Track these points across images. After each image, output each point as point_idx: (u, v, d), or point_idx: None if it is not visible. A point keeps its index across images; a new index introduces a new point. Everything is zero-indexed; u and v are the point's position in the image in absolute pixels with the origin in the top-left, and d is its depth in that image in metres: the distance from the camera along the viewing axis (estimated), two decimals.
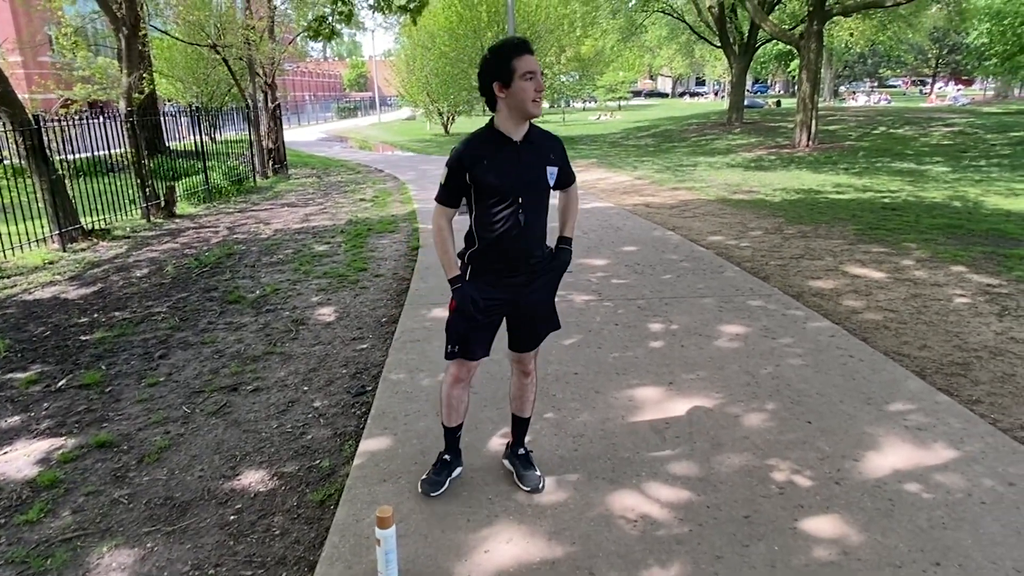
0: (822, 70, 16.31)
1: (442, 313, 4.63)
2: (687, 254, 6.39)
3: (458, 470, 2.66)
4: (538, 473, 2.60)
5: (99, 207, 9.40)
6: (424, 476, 2.61)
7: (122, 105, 9.83)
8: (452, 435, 2.62)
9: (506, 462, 2.71)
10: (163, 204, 10.24)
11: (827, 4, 15.90)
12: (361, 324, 4.74)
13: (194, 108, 12.74)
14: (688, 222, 8.15)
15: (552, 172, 2.34)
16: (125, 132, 9.86)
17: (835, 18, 18.35)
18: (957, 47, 49.89)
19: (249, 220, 9.69)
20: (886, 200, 9.41)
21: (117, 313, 5.23)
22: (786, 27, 20.30)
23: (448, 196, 2.33)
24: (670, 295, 5.08)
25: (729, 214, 8.68)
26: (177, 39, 13.90)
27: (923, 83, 66.16)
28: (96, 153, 11.88)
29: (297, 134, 35.71)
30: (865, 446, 2.87)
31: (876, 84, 62.09)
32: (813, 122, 16.60)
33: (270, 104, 14.71)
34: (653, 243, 6.93)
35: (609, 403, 3.30)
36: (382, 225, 8.48)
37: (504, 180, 2.23)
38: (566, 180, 2.47)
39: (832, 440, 2.92)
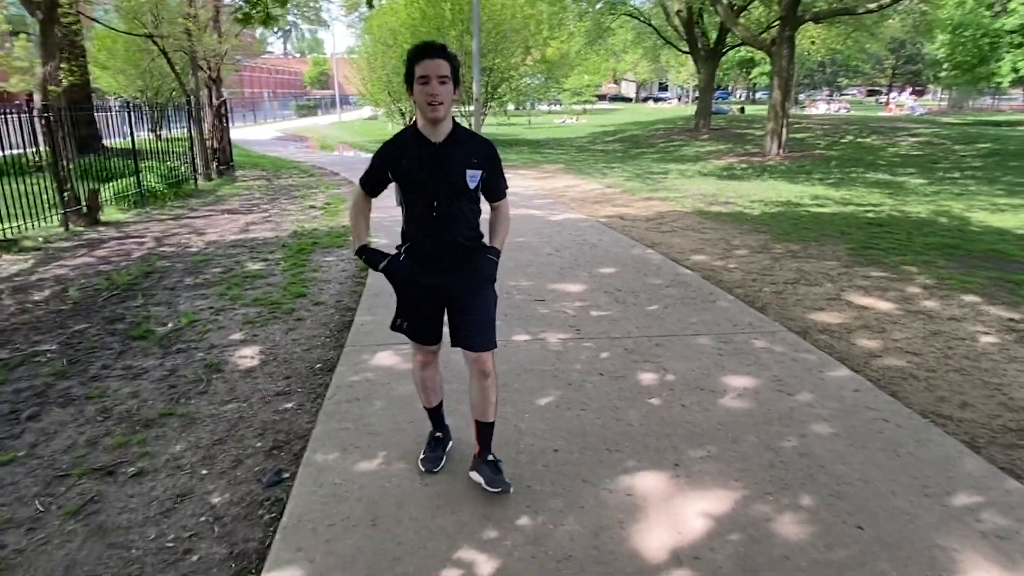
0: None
1: (388, 359, 3.81)
2: (672, 278, 5.69)
3: (450, 444, 2.84)
4: (507, 480, 2.53)
5: (11, 213, 8.28)
6: (422, 455, 2.75)
7: (37, 98, 8.70)
8: (436, 413, 2.79)
9: (473, 474, 2.60)
10: (85, 210, 9.14)
11: (799, 10, 15.53)
12: (290, 371, 3.88)
13: (126, 102, 11.57)
14: (667, 238, 7.48)
15: (473, 176, 2.35)
16: (41, 129, 8.73)
17: (803, 25, 18.04)
18: (914, 58, 51.04)
19: (182, 229, 8.68)
20: (870, 215, 8.91)
21: None
22: (754, 33, 19.95)
23: (368, 182, 2.51)
24: (660, 332, 4.35)
25: (709, 229, 8.04)
26: (108, 27, 12.68)
27: (876, 92, 67.61)
28: (12, 151, 10.69)
29: (251, 132, 34.22)
30: (941, 567, 2.17)
31: (833, 93, 63.14)
32: (784, 130, 16.24)
33: (215, 100, 13.60)
34: (633, 263, 6.22)
35: (602, 501, 2.53)
36: (330, 239, 7.58)
37: (418, 177, 2.33)
38: (494, 193, 2.50)
39: (898, 560, 2.21)
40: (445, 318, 2.55)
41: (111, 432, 3.24)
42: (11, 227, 8.09)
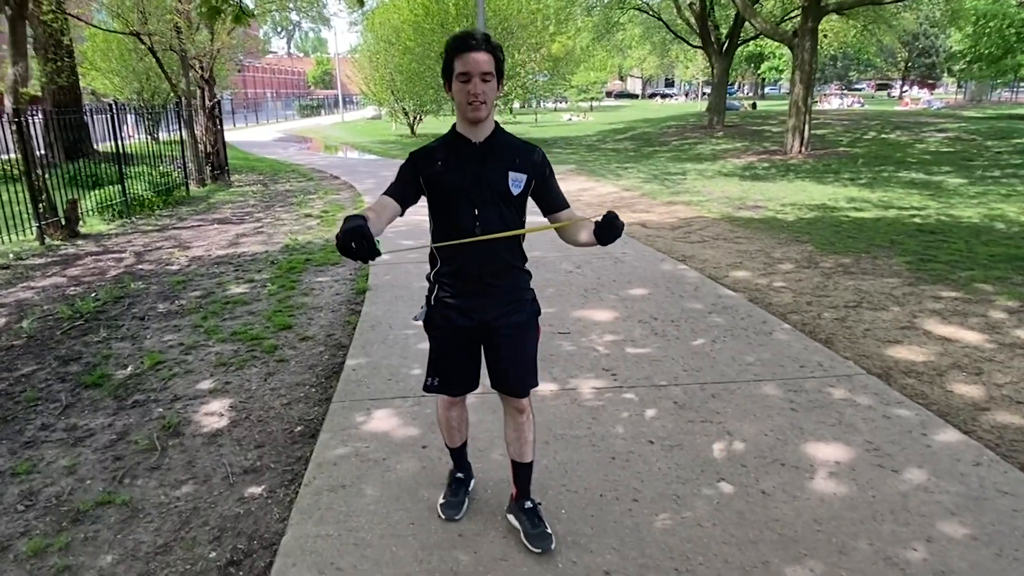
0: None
1: (384, 421, 3.08)
2: (714, 301, 4.94)
3: (472, 483, 2.55)
4: (548, 531, 2.26)
5: None
6: (442, 500, 2.46)
7: (7, 102, 8.00)
8: (459, 453, 2.51)
9: (511, 517, 2.37)
10: (63, 222, 8.45)
11: (823, 0, 14.70)
12: (263, 437, 3.15)
13: (109, 105, 10.89)
14: (698, 249, 6.72)
15: (516, 179, 2.06)
16: (11, 134, 8.04)
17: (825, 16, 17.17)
18: (927, 51, 49.96)
19: (166, 242, 7.98)
20: (916, 220, 8.12)
21: None
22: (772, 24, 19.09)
23: (393, 191, 2.06)
24: (713, 377, 3.60)
25: (743, 237, 7.28)
26: (90, 24, 11.98)
27: (886, 87, 66.42)
28: None
29: (252, 133, 33.55)
30: None
31: (845, 87, 62.04)
32: (806, 127, 15.42)
33: (207, 101, 12.90)
34: (666, 282, 5.46)
35: None
36: (324, 254, 6.85)
37: (457, 180, 2.04)
38: (555, 203, 2.17)
39: None
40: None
41: (29, 531, 2.52)
42: None
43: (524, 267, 2.21)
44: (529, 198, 2.13)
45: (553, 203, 2.16)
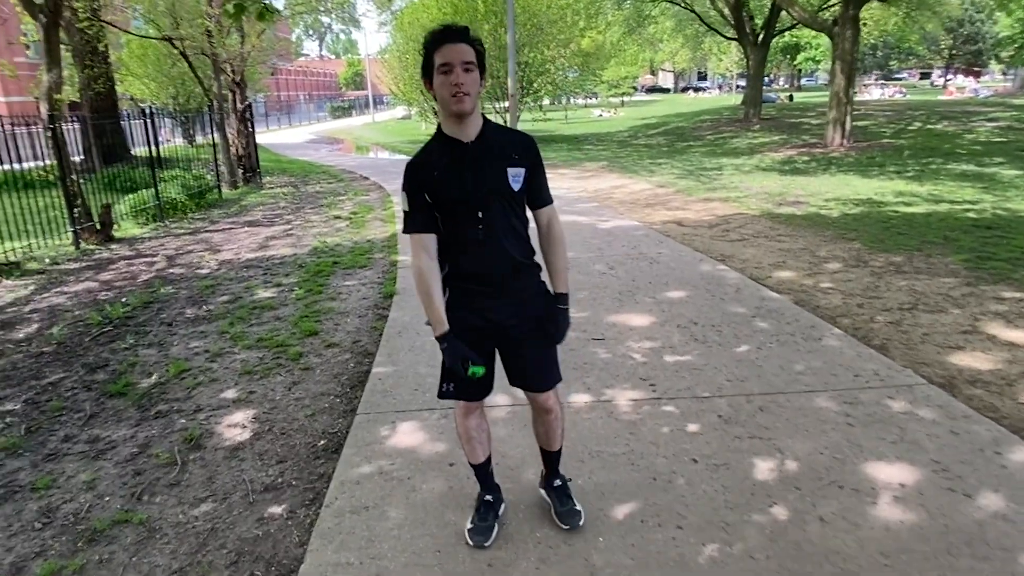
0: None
1: (410, 435, 2.92)
2: (757, 304, 4.68)
3: (502, 507, 2.39)
4: (578, 508, 2.32)
5: (23, 231, 7.72)
6: (470, 525, 2.30)
7: (42, 108, 8.09)
8: (483, 471, 2.36)
9: (543, 492, 2.44)
10: (98, 227, 8.54)
11: None
12: (285, 451, 3.03)
13: (142, 110, 11.01)
14: (738, 248, 6.44)
15: (516, 174, 1.98)
16: (47, 141, 8.14)
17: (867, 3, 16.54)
18: (973, 37, 48.10)
19: (197, 246, 7.99)
20: (971, 215, 7.69)
21: None
22: (812, 13, 18.47)
23: (416, 221, 2.00)
24: (760, 388, 3.37)
25: (785, 235, 6.96)
26: (124, 30, 12.13)
27: (928, 75, 64.21)
28: (27, 164, 10.22)
29: (285, 136, 33.98)
30: None
31: (885, 77, 60.15)
32: (848, 119, 14.86)
33: (239, 104, 12.97)
34: (705, 284, 5.22)
35: None
36: (353, 256, 6.76)
37: (456, 187, 1.95)
38: (539, 196, 2.08)
39: None
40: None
41: (45, 550, 2.43)
42: (17, 248, 7.53)
43: (534, 261, 2.13)
44: None
45: (536, 198, 2.08)
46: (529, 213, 2.10)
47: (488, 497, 2.35)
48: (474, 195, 1.95)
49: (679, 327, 4.28)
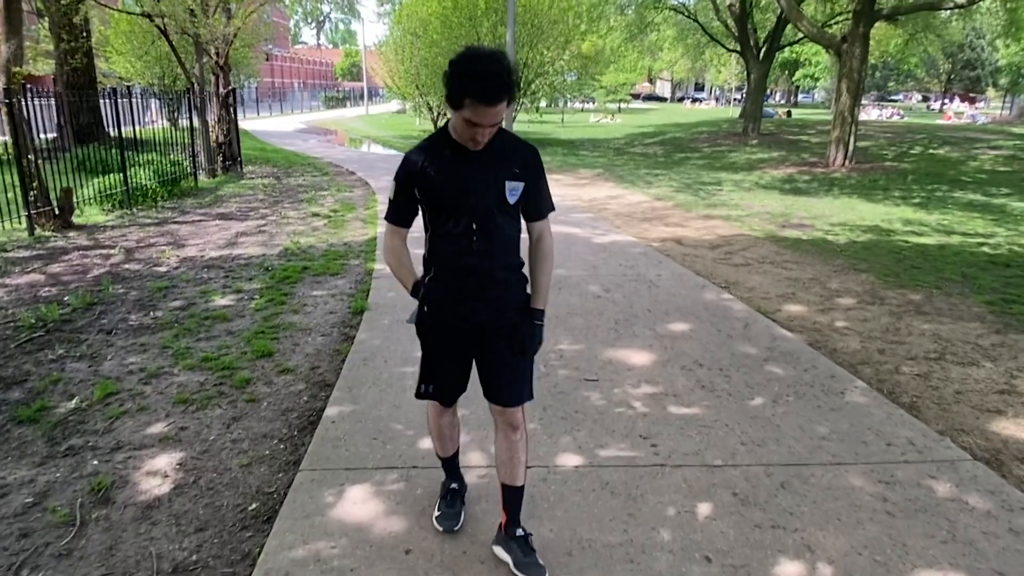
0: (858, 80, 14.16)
1: (361, 504, 2.39)
2: (769, 344, 4.19)
3: (466, 493, 2.45)
4: (540, 561, 2.09)
5: None
6: (437, 512, 2.33)
7: None
8: (451, 463, 2.40)
9: (498, 549, 2.19)
10: (56, 212, 7.91)
11: (877, 4, 13.77)
12: (208, 516, 2.48)
13: (113, 89, 10.37)
14: (743, 275, 5.97)
15: (514, 189, 1.96)
16: (3, 116, 7.50)
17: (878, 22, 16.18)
18: (972, 63, 48.19)
19: (161, 238, 7.39)
20: (986, 249, 7.28)
21: None
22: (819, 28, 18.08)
23: (398, 213, 2.03)
24: (780, 455, 2.87)
25: (792, 263, 6.50)
26: (101, 4, 11.45)
27: (926, 99, 64.45)
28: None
29: (275, 123, 33.22)
30: None
31: (881, 98, 60.27)
32: (852, 139, 14.50)
33: (221, 89, 12.35)
34: (709, 316, 4.73)
35: None
36: (326, 261, 6.20)
37: (452, 193, 1.92)
38: (536, 209, 2.05)
39: None
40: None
41: None
42: None
43: (522, 272, 2.10)
44: None
45: (533, 211, 2.05)
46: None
47: (454, 485, 2.40)
48: (470, 200, 1.92)
49: (683, 368, 3.78)
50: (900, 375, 3.86)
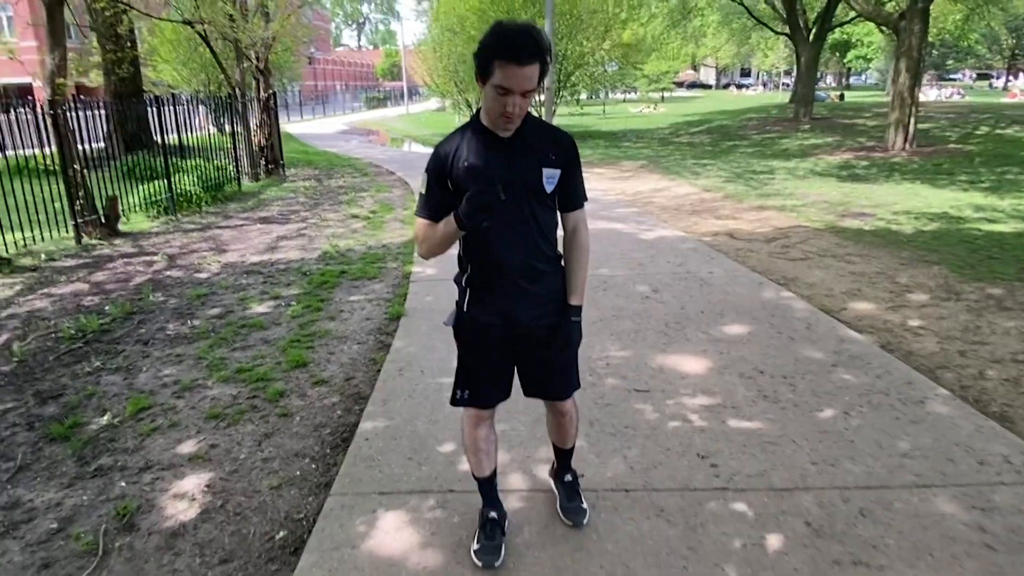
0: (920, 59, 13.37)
1: (393, 533, 2.20)
2: (835, 348, 3.85)
3: (506, 523, 2.25)
4: (584, 506, 2.29)
5: (27, 222, 7.21)
6: (476, 546, 2.14)
7: (45, 92, 7.59)
8: (488, 485, 2.23)
9: (552, 482, 2.42)
10: (103, 220, 8.03)
11: None
12: (234, 545, 2.33)
13: (154, 96, 10.51)
14: (802, 270, 5.59)
15: (551, 176, 1.88)
16: (49, 127, 7.63)
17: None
18: None
19: (203, 245, 7.42)
20: None
21: None
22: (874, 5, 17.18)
23: (431, 207, 1.91)
24: (856, 477, 2.56)
25: (856, 255, 6.07)
26: (141, 12, 11.64)
27: (986, 76, 61.19)
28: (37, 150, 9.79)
29: (318, 125, 33.67)
30: None
31: (939, 77, 57.44)
32: (912, 121, 13.70)
33: (262, 93, 12.44)
34: (768, 317, 4.40)
35: None
36: (364, 264, 6.08)
37: (485, 180, 1.79)
38: (570, 199, 1.97)
39: None
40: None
41: None
42: (21, 239, 7.05)
43: (560, 265, 2.03)
44: None
45: (568, 201, 1.97)
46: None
47: (493, 514, 2.20)
48: (504, 192, 1.79)
49: (742, 376, 3.48)
50: (986, 380, 3.48)
